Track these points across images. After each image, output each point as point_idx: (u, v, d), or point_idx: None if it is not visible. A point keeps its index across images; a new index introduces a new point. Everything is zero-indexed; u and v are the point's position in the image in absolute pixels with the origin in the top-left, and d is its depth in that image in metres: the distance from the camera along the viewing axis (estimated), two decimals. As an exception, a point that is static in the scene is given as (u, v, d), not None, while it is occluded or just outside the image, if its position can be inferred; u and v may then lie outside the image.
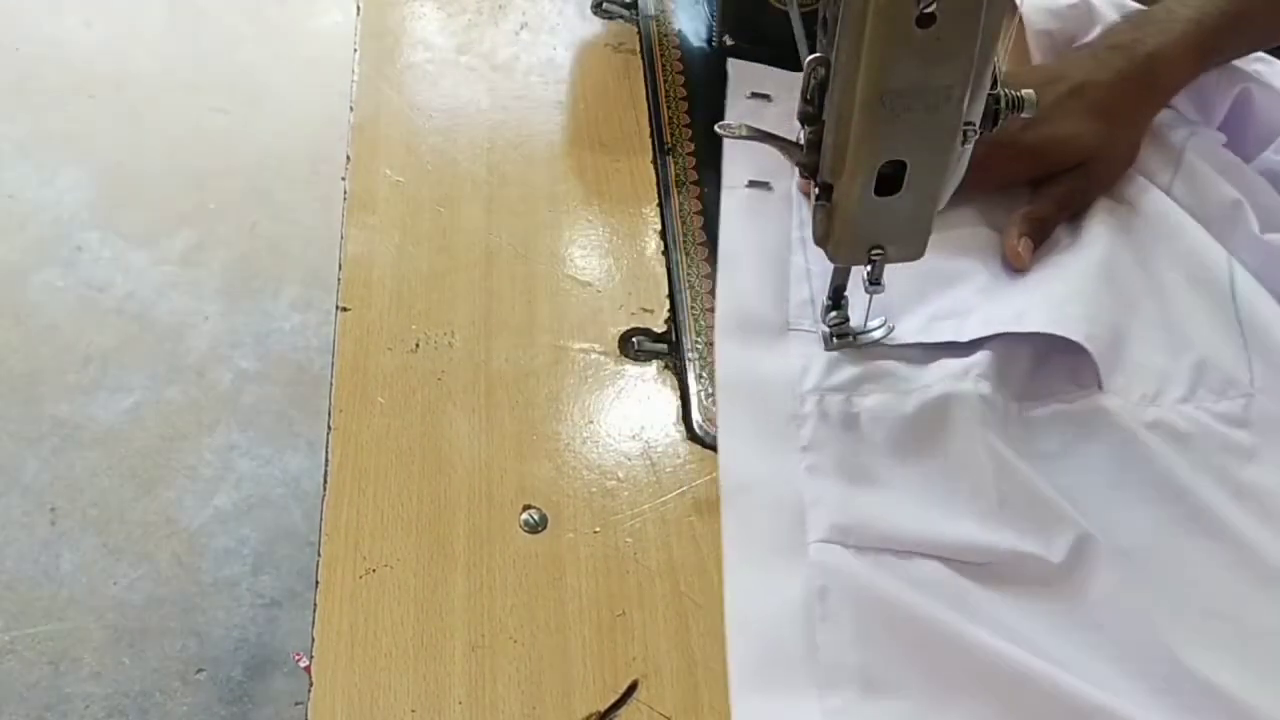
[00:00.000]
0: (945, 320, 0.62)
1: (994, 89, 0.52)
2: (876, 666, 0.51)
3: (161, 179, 1.77)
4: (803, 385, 0.60)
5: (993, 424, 0.57)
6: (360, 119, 0.73)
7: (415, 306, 0.64)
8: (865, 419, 0.58)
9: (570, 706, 0.52)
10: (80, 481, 1.45)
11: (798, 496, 0.56)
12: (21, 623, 1.33)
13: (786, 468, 0.57)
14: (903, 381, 0.59)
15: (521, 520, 0.57)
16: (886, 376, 0.60)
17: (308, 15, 2.01)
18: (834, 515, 0.55)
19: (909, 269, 0.58)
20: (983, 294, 0.63)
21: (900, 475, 0.57)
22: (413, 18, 0.80)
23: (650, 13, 0.80)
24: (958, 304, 0.62)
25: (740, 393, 0.60)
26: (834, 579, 0.53)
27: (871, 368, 0.60)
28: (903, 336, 0.61)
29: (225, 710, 1.29)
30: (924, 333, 0.61)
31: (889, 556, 0.54)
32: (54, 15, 1.98)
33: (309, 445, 1.48)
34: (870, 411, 0.58)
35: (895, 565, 0.54)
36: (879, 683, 0.51)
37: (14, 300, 1.61)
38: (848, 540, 0.54)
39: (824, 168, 0.53)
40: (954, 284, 0.64)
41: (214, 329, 1.60)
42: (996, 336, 0.60)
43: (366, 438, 0.59)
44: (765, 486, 0.56)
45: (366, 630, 0.53)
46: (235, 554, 1.40)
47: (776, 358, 0.61)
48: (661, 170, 0.72)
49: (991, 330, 0.60)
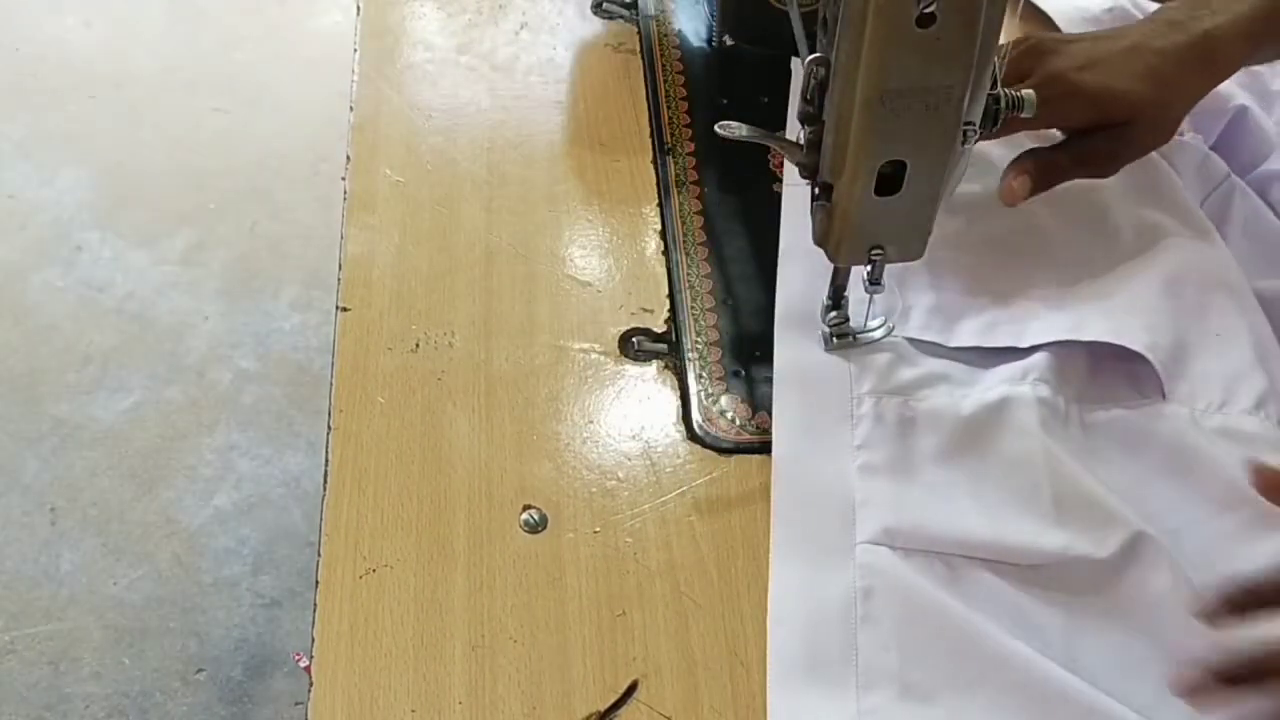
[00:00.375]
0: (1005, 325, 0.62)
1: (994, 89, 0.52)
2: (915, 671, 0.51)
3: (161, 179, 1.77)
4: (860, 386, 0.60)
5: (1051, 426, 0.57)
6: (360, 119, 0.73)
7: (415, 306, 0.64)
8: (921, 421, 0.58)
9: (570, 706, 0.52)
10: (80, 481, 1.45)
11: (849, 495, 0.56)
12: (21, 623, 1.33)
13: (839, 466, 0.57)
14: (960, 385, 0.60)
15: (521, 520, 0.57)
16: (944, 379, 0.60)
17: (308, 15, 2.01)
18: (883, 516, 0.55)
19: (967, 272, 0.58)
20: (1042, 300, 0.63)
21: (953, 478, 0.57)
22: (413, 18, 0.80)
23: (650, 13, 0.80)
24: (1017, 310, 0.62)
25: (795, 387, 0.60)
26: (879, 580, 0.53)
27: (929, 371, 0.60)
28: (961, 340, 0.61)
29: (225, 710, 1.29)
30: (983, 337, 0.61)
31: (937, 561, 0.54)
32: (54, 15, 1.98)
33: (309, 445, 1.49)
34: (926, 414, 0.58)
35: (942, 570, 0.54)
36: (916, 687, 0.51)
37: (14, 300, 1.61)
38: (895, 542, 0.54)
39: (824, 168, 0.53)
40: (1013, 288, 0.63)
41: (214, 329, 1.60)
42: (1055, 342, 0.60)
43: (366, 438, 0.59)
44: (816, 483, 0.57)
45: (366, 630, 0.53)
46: (235, 554, 1.40)
47: (834, 356, 0.61)
48: (661, 170, 0.72)
49: (1051, 338, 0.60)
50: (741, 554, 0.56)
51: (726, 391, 0.62)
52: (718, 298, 0.66)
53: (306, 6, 2.02)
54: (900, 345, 0.61)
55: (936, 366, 0.61)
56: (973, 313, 0.63)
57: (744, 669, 0.53)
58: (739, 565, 0.56)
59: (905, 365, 0.60)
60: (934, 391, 0.59)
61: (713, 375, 0.62)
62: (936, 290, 0.63)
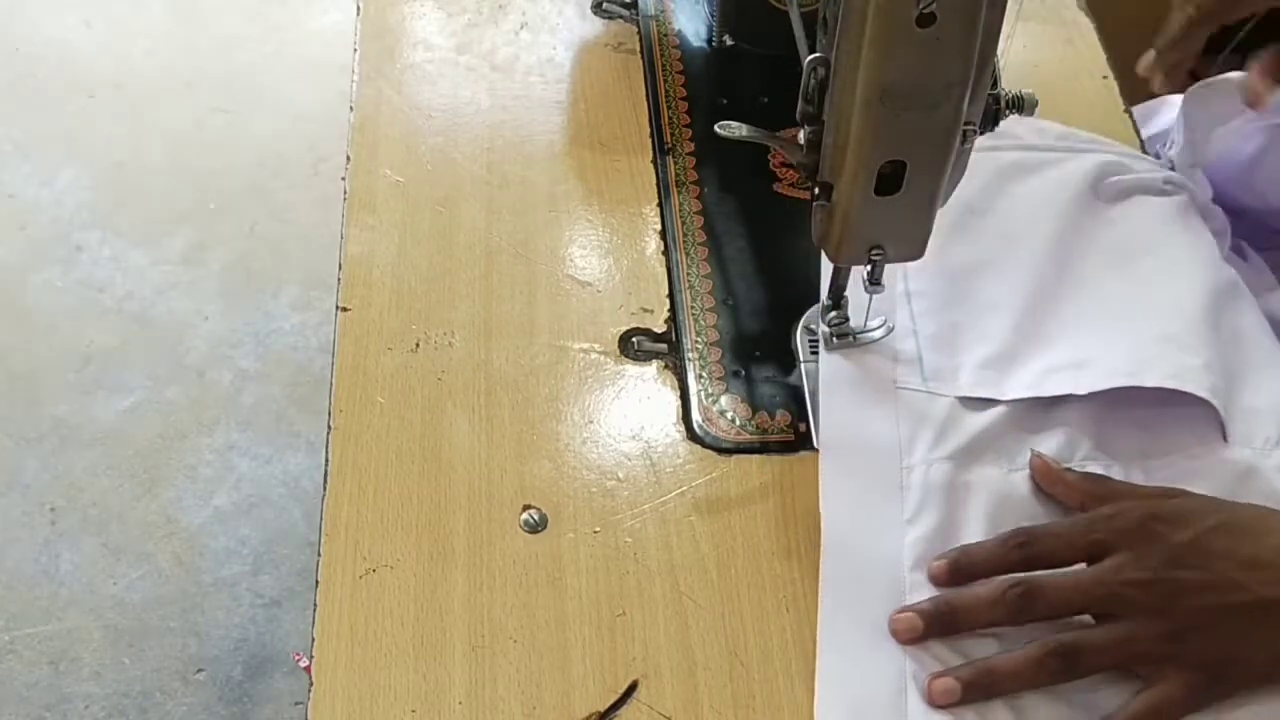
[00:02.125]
0: (1061, 372, 0.60)
1: (994, 89, 0.52)
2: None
3: (161, 179, 1.76)
4: (911, 456, 0.59)
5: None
6: (360, 119, 0.73)
7: (415, 306, 0.64)
8: (972, 492, 0.57)
9: (570, 706, 0.52)
10: (80, 481, 1.45)
11: (900, 574, 0.55)
12: (21, 623, 1.33)
13: (890, 541, 0.56)
14: (1007, 456, 0.59)
15: (521, 520, 0.57)
16: (992, 448, 0.59)
17: (308, 15, 2.01)
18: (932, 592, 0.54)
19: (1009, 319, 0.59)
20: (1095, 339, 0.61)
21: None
22: (413, 18, 0.80)
23: (650, 13, 0.80)
24: (1065, 353, 0.61)
25: (845, 453, 0.59)
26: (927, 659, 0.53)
27: (980, 436, 0.59)
28: (1016, 392, 0.60)
29: (225, 710, 1.29)
30: (1038, 386, 0.60)
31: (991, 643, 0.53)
32: (54, 15, 1.98)
33: (309, 445, 1.48)
34: (976, 486, 0.58)
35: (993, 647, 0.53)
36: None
37: (14, 300, 1.61)
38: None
39: (824, 168, 0.53)
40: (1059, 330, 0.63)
41: (214, 329, 1.60)
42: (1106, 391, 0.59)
43: (366, 438, 0.59)
44: (867, 558, 0.56)
45: (366, 630, 0.53)
46: (235, 554, 1.40)
47: (882, 420, 0.60)
48: (661, 170, 0.72)
49: (1109, 385, 0.59)
50: (741, 554, 0.56)
51: (726, 391, 0.62)
52: (718, 298, 0.66)
53: (306, 6, 2.02)
54: (951, 405, 0.60)
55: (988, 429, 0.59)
56: (1021, 361, 0.61)
57: (743, 669, 0.53)
58: (739, 565, 0.56)
59: (954, 428, 0.59)
60: (982, 460, 0.58)
61: (713, 375, 0.62)
62: (984, 342, 0.62)
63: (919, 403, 0.60)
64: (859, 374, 0.61)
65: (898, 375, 0.61)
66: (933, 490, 0.57)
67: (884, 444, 0.59)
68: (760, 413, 0.61)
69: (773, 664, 0.53)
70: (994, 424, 0.59)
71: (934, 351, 0.62)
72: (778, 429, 0.61)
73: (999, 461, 0.58)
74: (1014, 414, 0.60)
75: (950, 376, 0.61)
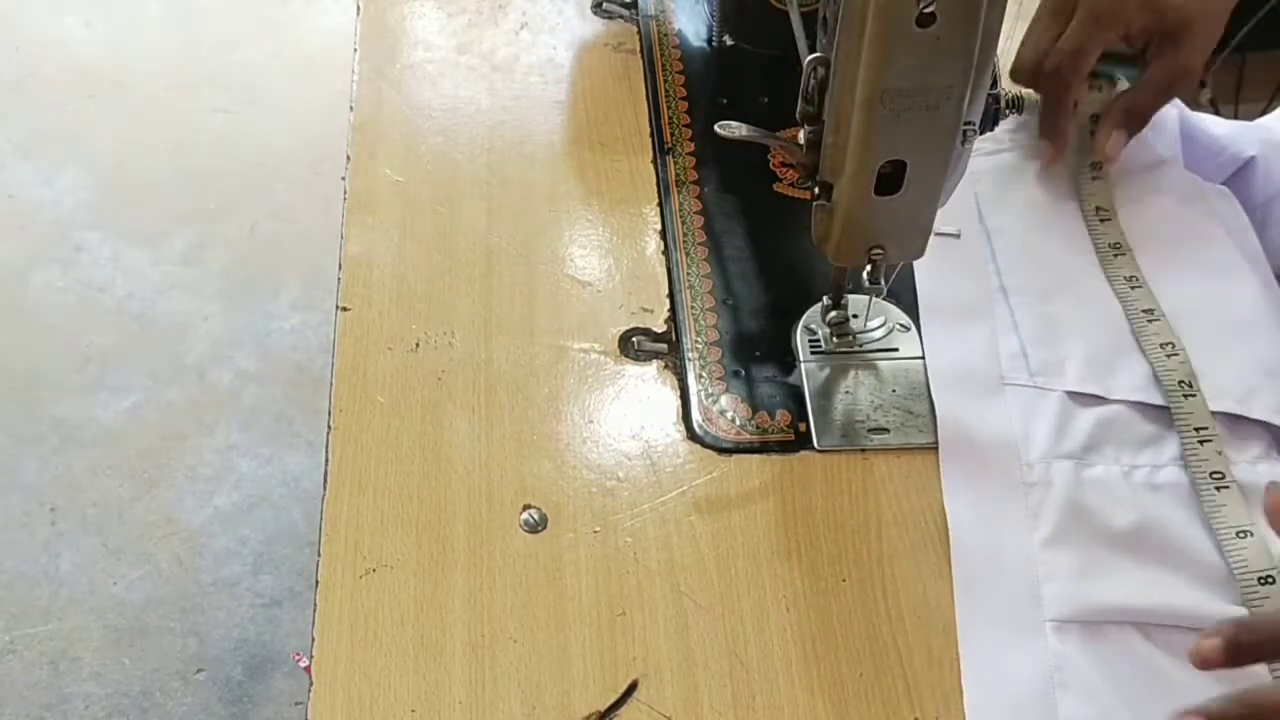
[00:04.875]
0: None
1: (994, 89, 0.52)
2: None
3: (161, 179, 1.76)
4: (1029, 453, 0.59)
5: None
6: (360, 119, 0.73)
7: (415, 306, 0.64)
8: (1092, 489, 0.58)
9: (570, 706, 0.52)
10: (80, 481, 1.45)
11: (1031, 570, 0.55)
12: (21, 623, 1.33)
13: (1017, 539, 0.56)
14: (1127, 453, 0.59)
15: (521, 520, 0.57)
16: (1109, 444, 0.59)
17: (308, 15, 2.01)
18: (1068, 592, 0.55)
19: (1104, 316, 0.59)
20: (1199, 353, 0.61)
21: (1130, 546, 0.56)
22: (413, 18, 0.80)
23: (650, 13, 0.81)
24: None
25: (963, 455, 0.59)
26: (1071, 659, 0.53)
27: (1097, 433, 0.59)
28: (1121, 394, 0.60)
29: (225, 710, 1.29)
30: (1145, 393, 0.60)
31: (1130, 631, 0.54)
32: (54, 15, 1.98)
33: (309, 445, 1.48)
34: (1096, 484, 0.58)
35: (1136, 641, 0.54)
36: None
37: (14, 300, 1.61)
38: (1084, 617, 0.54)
39: (824, 168, 0.53)
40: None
41: (214, 329, 1.60)
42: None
43: (366, 438, 0.59)
44: (997, 558, 0.56)
45: (366, 630, 0.53)
46: (235, 554, 1.40)
47: (997, 417, 0.60)
48: (661, 170, 0.72)
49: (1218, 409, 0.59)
50: (741, 554, 0.56)
51: (726, 391, 0.62)
52: (718, 298, 0.66)
53: (306, 6, 2.02)
54: (1061, 400, 0.60)
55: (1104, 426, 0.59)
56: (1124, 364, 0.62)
57: (743, 669, 0.53)
58: (739, 565, 0.56)
59: (1069, 425, 0.59)
60: (1101, 457, 0.59)
61: (713, 375, 0.62)
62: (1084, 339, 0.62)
63: (1029, 398, 0.61)
64: (965, 377, 0.61)
65: (1004, 371, 0.62)
66: (1054, 486, 0.57)
67: (1001, 439, 0.59)
68: (760, 412, 0.61)
69: (773, 664, 0.53)
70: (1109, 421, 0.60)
71: (1038, 346, 0.62)
72: (778, 429, 0.61)
73: (1119, 458, 0.59)
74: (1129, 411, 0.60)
75: (1056, 371, 0.61)
